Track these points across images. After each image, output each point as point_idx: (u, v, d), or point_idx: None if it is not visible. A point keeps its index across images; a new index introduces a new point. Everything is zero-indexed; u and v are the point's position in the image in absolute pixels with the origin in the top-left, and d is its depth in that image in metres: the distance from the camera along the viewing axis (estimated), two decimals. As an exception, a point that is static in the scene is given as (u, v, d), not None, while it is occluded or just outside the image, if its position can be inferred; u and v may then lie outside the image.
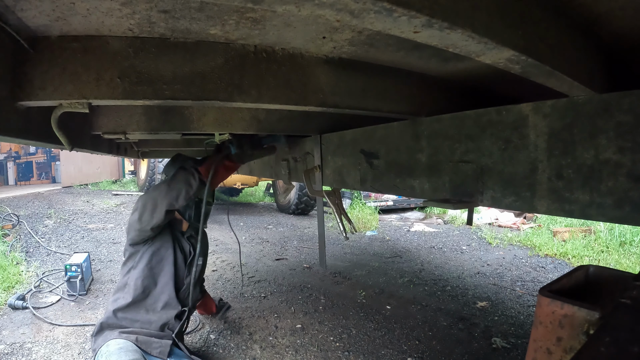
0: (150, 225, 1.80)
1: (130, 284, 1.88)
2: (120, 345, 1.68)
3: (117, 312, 1.83)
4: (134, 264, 1.90)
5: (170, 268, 1.93)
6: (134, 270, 1.89)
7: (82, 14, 0.76)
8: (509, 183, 0.92)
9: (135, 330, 1.80)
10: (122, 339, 1.72)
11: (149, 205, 1.80)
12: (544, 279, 3.69)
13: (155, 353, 1.76)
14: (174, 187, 1.83)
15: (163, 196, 1.80)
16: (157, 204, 1.80)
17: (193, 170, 1.91)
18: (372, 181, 1.46)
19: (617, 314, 0.52)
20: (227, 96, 0.98)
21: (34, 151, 12.37)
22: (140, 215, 1.80)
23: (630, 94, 0.69)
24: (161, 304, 1.90)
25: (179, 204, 1.84)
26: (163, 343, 1.80)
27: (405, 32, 0.51)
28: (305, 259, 4.30)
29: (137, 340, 1.74)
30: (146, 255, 1.90)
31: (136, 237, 1.86)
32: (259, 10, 0.78)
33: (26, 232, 4.77)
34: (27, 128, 0.98)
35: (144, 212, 1.80)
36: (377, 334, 2.51)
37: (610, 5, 0.73)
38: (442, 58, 1.10)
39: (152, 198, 1.82)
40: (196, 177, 1.89)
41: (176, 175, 1.90)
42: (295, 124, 1.74)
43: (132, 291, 1.85)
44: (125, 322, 1.82)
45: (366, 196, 7.46)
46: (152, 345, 1.77)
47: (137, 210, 1.82)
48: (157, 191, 1.84)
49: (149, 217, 1.79)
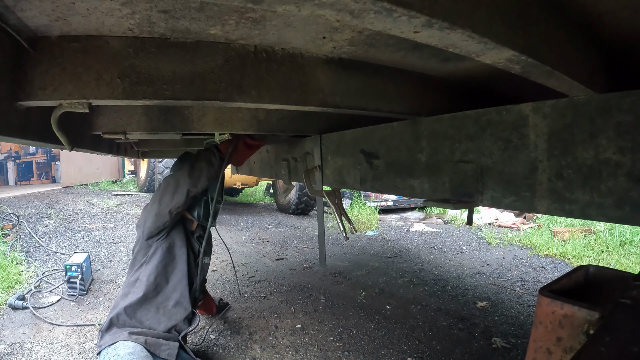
0: (169, 207, 1.77)
1: (142, 279, 1.86)
2: (129, 349, 1.65)
3: (128, 308, 1.81)
4: (146, 260, 1.88)
5: (184, 266, 1.93)
6: (146, 266, 1.87)
7: (82, 14, 0.76)
8: (509, 183, 0.92)
9: (145, 331, 1.78)
10: (132, 341, 1.70)
11: (170, 187, 1.79)
12: (544, 279, 3.69)
13: (163, 355, 1.75)
14: (196, 166, 1.83)
15: (186, 176, 1.79)
16: (179, 183, 1.78)
17: (214, 149, 1.93)
18: (372, 181, 1.46)
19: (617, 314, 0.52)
20: (227, 96, 0.98)
21: (34, 151, 12.37)
22: (160, 197, 1.78)
23: (630, 94, 0.69)
24: (172, 302, 1.89)
25: (201, 183, 1.84)
26: (171, 345, 1.80)
27: (405, 32, 0.51)
28: (305, 259, 4.30)
29: (146, 343, 1.72)
30: (159, 251, 1.88)
31: (152, 225, 1.81)
32: (259, 10, 0.78)
33: (26, 232, 4.77)
34: (27, 128, 0.98)
35: (165, 194, 1.78)
36: (377, 334, 2.51)
37: (610, 5, 0.73)
38: (442, 58, 1.10)
39: (174, 179, 1.80)
40: (216, 155, 1.91)
41: (198, 156, 1.90)
42: (295, 124, 1.74)
43: (144, 286, 1.83)
44: (135, 320, 1.81)
45: (366, 196, 7.46)
46: (160, 347, 1.76)
47: (155, 196, 1.81)
48: (179, 172, 1.83)
49: (170, 198, 1.77)
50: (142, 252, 1.91)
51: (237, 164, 2.09)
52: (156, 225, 1.82)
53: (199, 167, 1.84)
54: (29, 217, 5.47)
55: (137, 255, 1.92)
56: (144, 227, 1.86)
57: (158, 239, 1.88)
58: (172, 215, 1.82)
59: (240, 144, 2.03)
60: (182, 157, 2.09)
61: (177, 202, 1.78)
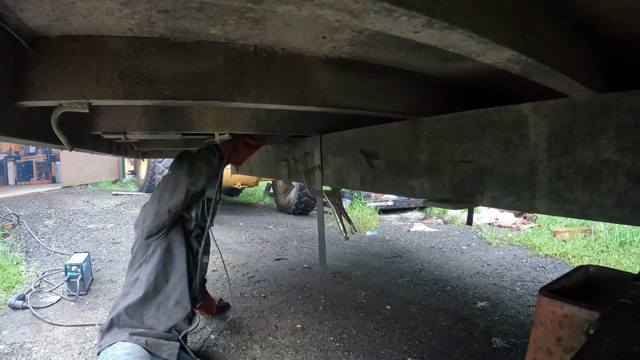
0: (169, 205, 1.78)
1: (142, 278, 1.86)
2: (127, 350, 1.65)
3: (129, 308, 1.81)
4: (146, 259, 1.88)
5: (183, 266, 1.93)
6: (145, 265, 1.87)
7: (82, 14, 0.76)
8: (509, 183, 0.92)
9: (145, 331, 1.78)
10: (132, 342, 1.70)
11: (170, 185, 1.79)
12: (544, 279, 3.69)
13: (164, 355, 1.76)
14: (195, 165, 1.84)
15: (185, 175, 1.80)
16: (178, 182, 1.79)
17: (213, 148, 1.94)
18: (372, 181, 1.46)
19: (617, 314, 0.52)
20: (227, 96, 0.98)
21: (34, 151, 12.37)
22: (160, 196, 1.78)
23: (630, 94, 0.69)
24: (173, 301, 1.90)
25: (200, 182, 1.84)
26: (172, 345, 1.80)
27: (405, 32, 0.51)
28: (305, 259, 4.30)
29: (146, 344, 1.72)
30: (158, 250, 1.88)
31: (152, 224, 1.82)
32: (259, 10, 0.78)
33: (26, 232, 4.77)
34: (27, 128, 0.98)
35: (164, 192, 1.79)
36: (377, 334, 2.51)
37: (610, 6, 0.73)
38: (442, 58, 1.10)
39: (173, 178, 1.81)
40: (216, 154, 1.92)
41: (197, 155, 1.91)
42: (296, 124, 1.75)
43: (144, 286, 1.84)
44: (136, 320, 1.81)
45: (366, 196, 7.46)
46: (161, 347, 1.76)
47: (155, 194, 1.81)
48: (178, 171, 1.83)
49: (169, 196, 1.78)
50: (142, 251, 1.91)
51: (237, 164, 2.10)
52: (155, 224, 1.82)
53: (199, 166, 1.84)
54: (29, 217, 5.47)
55: (137, 255, 1.92)
56: (143, 226, 1.85)
57: (157, 238, 1.88)
58: (172, 214, 1.82)
59: (240, 144, 2.03)
60: (181, 155, 2.09)
61: (176, 201, 1.78)
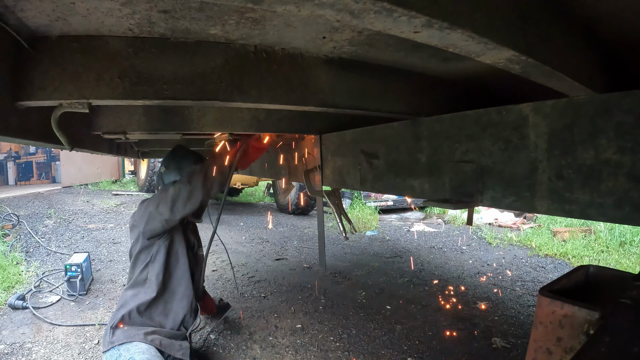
0: (181, 214, 1.81)
1: (152, 278, 1.90)
2: (143, 351, 1.69)
3: (141, 306, 1.85)
4: (152, 258, 1.91)
5: (185, 260, 1.98)
6: (152, 264, 1.90)
7: (82, 14, 0.76)
8: (509, 183, 0.92)
9: (158, 330, 1.84)
10: (147, 342, 1.74)
11: (182, 195, 1.80)
12: (544, 279, 3.69)
13: (178, 355, 1.84)
14: (209, 176, 1.86)
15: (199, 186, 1.82)
16: (193, 193, 1.81)
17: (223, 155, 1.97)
18: (372, 181, 1.46)
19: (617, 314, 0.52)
20: (227, 96, 0.98)
21: (34, 151, 12.36)
22: (172, 205, 1.80)
23: (630, 94, 0.69)
24: (179, 295, 1.96)
25: (214, 192, 1.90)
26: (183, 345, 1.88)
27: (405, 32, 0.51)
28: (305, 259, 4.30)
29: (160, 344, 1.78)
30: (162, 249, 1.91)
31: (159, 228, 1.84)
32: (259, 10, 0.78)
33: (26, 232, 4.77)
34: (27, 128, 0.98)
35: (177, 201, 1.80)
36: (377, 334, 2.51)
37: (610, 6, 0.73)
38: (442, 58, 1.10)
39: (186, 188, 1.82)
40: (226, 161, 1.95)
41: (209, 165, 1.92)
42: (296, 124, 1.74)
43: (155, 286, 1.88)
44: (146, 318, 1.86)
45: (366, 196, 7.45)
46: (174, 347, 1.84)
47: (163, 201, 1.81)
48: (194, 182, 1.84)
49: (182, 206, 1.80)
50: (145, 250, 1.93)
51: (243, 168, 2.11)
52: (164, 229, 1.87)
53: (212, 178, 1.87)
54: (29, 217, 5.47)
55: (140, 255, 1.94)
56: (145, 228, 1.86)
57: (160, 238, 1.91)
58: (181, 221, 1.88)
59: (249, 148, 2.04)
60: (176, 152, 2.09)
61: (189, 211, 1.82)
